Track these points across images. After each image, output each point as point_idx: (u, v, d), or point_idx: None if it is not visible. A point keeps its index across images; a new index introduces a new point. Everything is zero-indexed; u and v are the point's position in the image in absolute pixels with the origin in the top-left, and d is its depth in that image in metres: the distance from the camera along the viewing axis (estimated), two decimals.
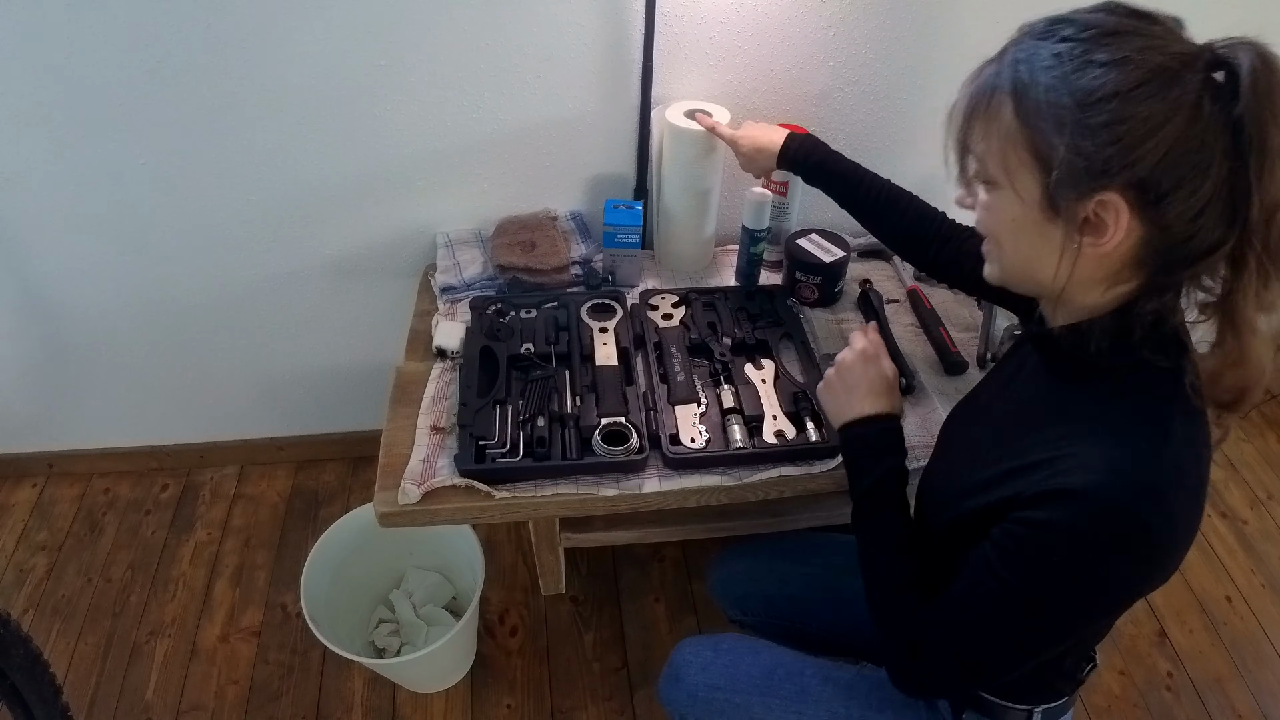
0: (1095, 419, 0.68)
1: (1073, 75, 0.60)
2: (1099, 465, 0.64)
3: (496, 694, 1.49)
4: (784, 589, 1.15)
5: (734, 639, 1.06)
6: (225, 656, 1.53)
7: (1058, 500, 0.65)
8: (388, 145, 1.34)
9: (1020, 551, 0.68)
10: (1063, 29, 0.62)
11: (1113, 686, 1.54)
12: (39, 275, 1.45)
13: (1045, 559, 0.66)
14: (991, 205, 0.69)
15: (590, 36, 1.26)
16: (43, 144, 1.27)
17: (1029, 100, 0.62)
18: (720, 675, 1.01)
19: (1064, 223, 0.63)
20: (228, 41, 1.19)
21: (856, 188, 1.11)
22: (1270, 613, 1.67)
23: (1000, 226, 0.70)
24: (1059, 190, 0.62)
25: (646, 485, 1.06)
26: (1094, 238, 0.63)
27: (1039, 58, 0.62)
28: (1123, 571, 0.65)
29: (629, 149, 1.40)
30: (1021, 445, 0.72)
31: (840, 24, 1.30)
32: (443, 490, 1.04)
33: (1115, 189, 0.60)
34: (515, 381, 1.16)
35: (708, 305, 1.30)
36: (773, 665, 1.01)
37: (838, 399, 0.95)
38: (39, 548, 1.70)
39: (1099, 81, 0.59)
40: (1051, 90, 0.60)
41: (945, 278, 1.13)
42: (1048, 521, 0.65)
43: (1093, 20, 0.62)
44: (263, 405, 1.75)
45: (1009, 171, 0.65)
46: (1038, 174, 0.63)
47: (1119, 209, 0.60)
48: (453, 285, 1.35)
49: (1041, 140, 0.62)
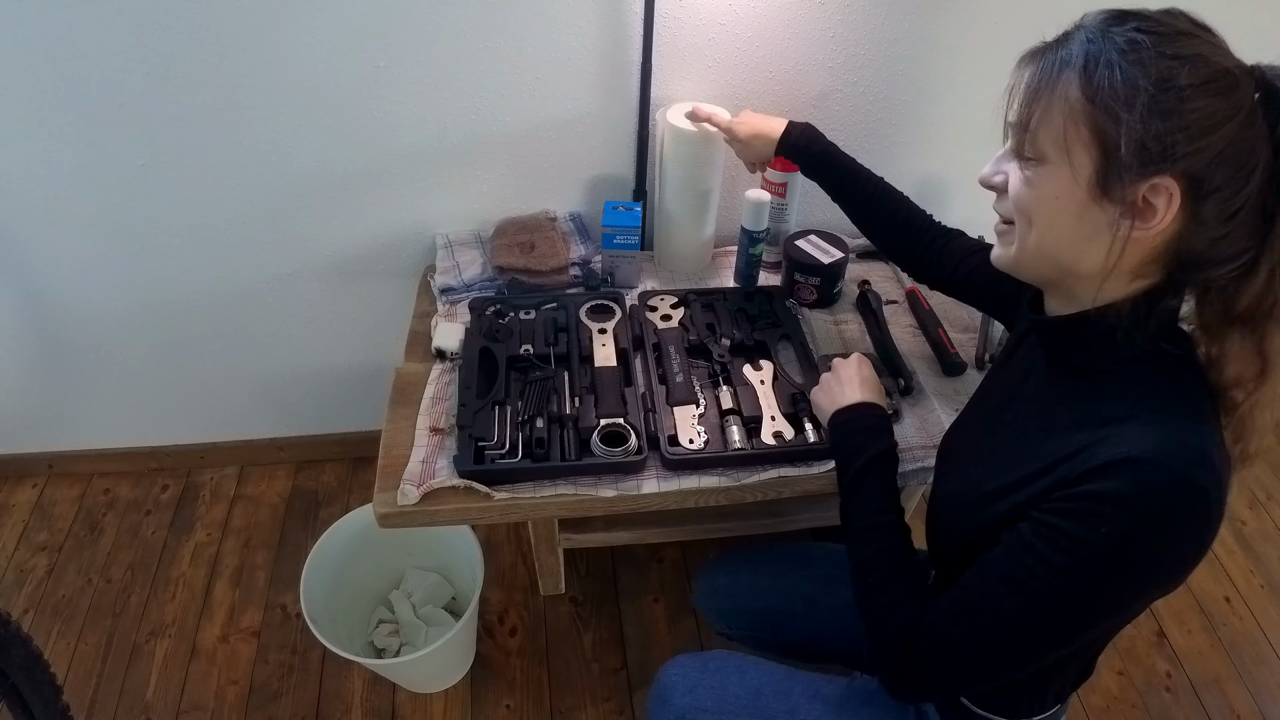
0: (1124, 404, 0.68)
1: (1150, 60, 0.61)
2: (1149, 438, 0.64)
3: (496, 694, 1.49)
4: (765, 602, 1.16)
5: (721, 657, 1.05)
6: (225, 657, 1.53)
7: (1112, 470, 0.63)
8: (387, 146, 1.34)
9: (1064, 527, 0.65)
10: (1133, 21, 0.63)
11: (1111, 687, 1.55)
12: (39, 275, 1.46)
13: (1096, 531, 0.63)
14: (1035, 181, 0.68)
15: (589, 38, 1.26)
16: (42, 144, 1.27)
17: (1100, 78, 0.62)
18: (707, 696, 1.00)
19: (1110, 205, 0.64)
20: (228, 42, 1.19)
21: (854, 181, 1.12)
22: (1269, 613, 1.67)
23: (1039, 204, 0.68)
24: (1120, 169, 0.62)
25: (645, 486, 1.07)
26: (1141, 222, 0.63)
27: (1112, 41, 0.62)
28: (1172, 543, 0.64)
29: (628, 150, 1.40)
30: (1053, 444, 0.71)
31: (839, 25, 1.30)
32: (442, 491, 1.04)
33: (1173, 174, 0.61)
34: (514, 382, 1.16)
35: (706, 306, 1.30)
36: (760, 684, 1.00)
37: (830, 395, 0.99)
38: (39, 548, 1.70)
39: (1174, 70, 0.60)
40: (1126, 70, 0.61)
41: (929, 278, 1.13)
42: (1100, 491, 0.63)
43: (1162, 19, 0.63)
44: (263, 406, 1.76)
45: (1066, 147, 0.65)
46: (1095, 152, 0.63)
47: (1173, 194, 0.61)
48: (452, 286, 1.35)
49: (1107, 118, 0.62)
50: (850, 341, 1.30)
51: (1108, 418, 0.68)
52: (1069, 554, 0.65)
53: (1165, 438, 0.63)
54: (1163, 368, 0.69)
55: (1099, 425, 0.68)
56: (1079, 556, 0.64)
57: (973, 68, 1.38)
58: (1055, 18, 0.68)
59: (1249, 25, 0.70)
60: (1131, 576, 0.65)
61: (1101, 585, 0.65)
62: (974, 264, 1.05)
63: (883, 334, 1.29)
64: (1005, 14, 1.31)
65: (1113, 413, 0.68)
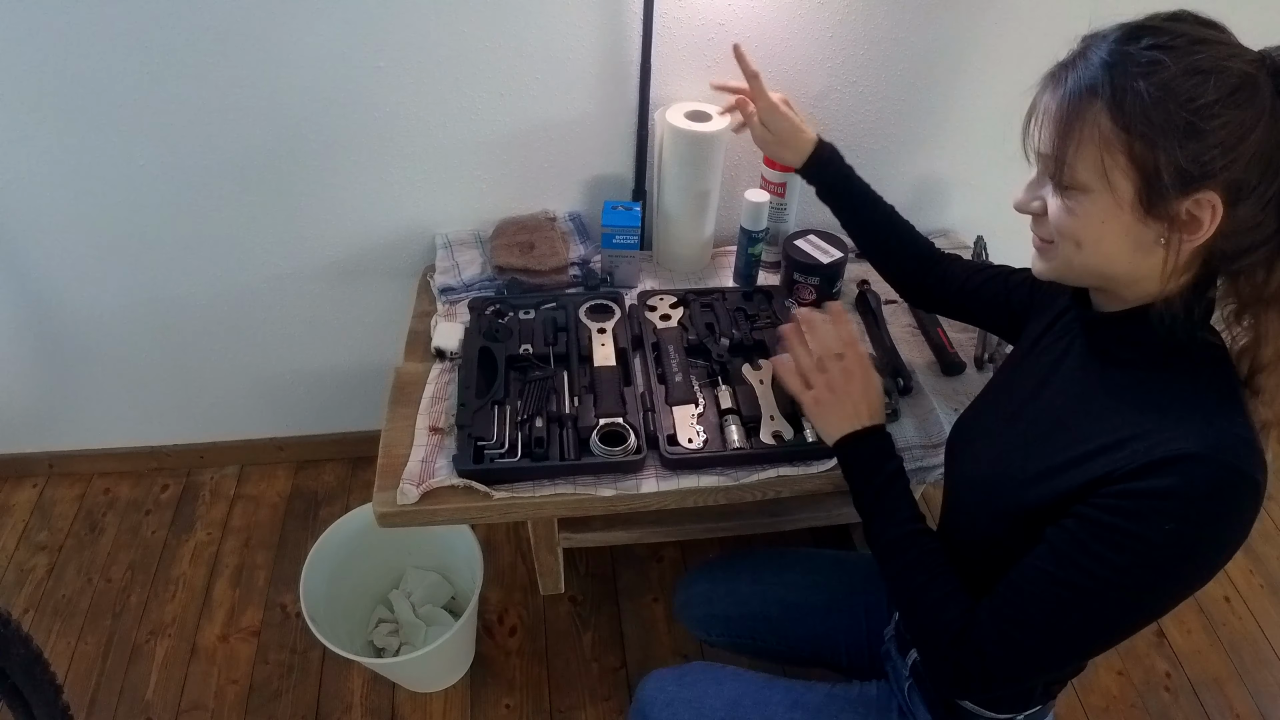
0: (1169, 395, 0.69)
1: (1175, 81, 0.61)
2: (1199, 432, 0.65)
3: (495, 693, 1.49)
4: (743, 609, 1.16)
5: (699, 670, 1.05)
6: (225, 656, 1.53)
7: (1170, 466, 0.64)
8: (387, 146, 1.34)
9: (1122, 525, 0.65)
10: (1146, 36, 0.63)
11: (1111, 687, 1.55)
12: (39, 275, 1.46)
13: (1159, 529, 0.64)
14: (1078, 210, 0.68)
15: (589, 38, 1.26)
16: (43, 145, 1.27)
17: (1131, 107, 0.62)
18: (685, 710, 1.00)
19: (1156, 223, 0.65)
20: (227, 43, 1.19)
21: (877, 205, 1.13)
22: (1268, 613, 1.68)
23: (1086, 229, 0.69)
24: (1161, 192, 0.63)
25: (644, 485, 1.07)
26: (1189, 234, 0.65)
27: (1133, 64, 0.63)
28: (1229, 533, 0.65)
29: (628, 150, 1.40)
30: (1092, 430, 0.72)
31: (838, 25, 1.30)
32: (441, 490, 1.04)
33: (1213, 187, 0.62)
34: (514, 382, 1.16)
35: (706, 306, 1.30)
36: (738, 695, 1.00)
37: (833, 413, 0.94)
38: (39, 548, 1.71)
39: (1200, 88, 0.61)
40: (1156, 95, 0.61)
41: (929, 303, 1.13)
42: (1160, 489, 0.64)
43: (1174, 29, 0.63)
44: (262, 406, 1.76)
45: (1105, 175, 0.65)
46: (1135, 176, 0.64)
47: (1215, 206, 0.62)
48: (451, 286, 1.35)
49: (1144, 145, 0.62)
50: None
51: (1153, 409, 0.69)
52: (1132, 553, 0.65)
53: (1215, 431, 0.65)
54: (1201, 358, 0.70)
55: (1144, 415, 0.69)
56: (1142, 554, 0.65)
57: (973, 67, 1.38)
58: (1055, 17, 0.68)
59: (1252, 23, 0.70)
60: (1192, 570, 0.67)
61: (1164, 581, 0.67)
62: (978, 283, 1.04)
63: (882, 334, 1.29)
64: (1006, 13, 1.31)
65: (1158, 404, 0.69)
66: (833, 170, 1.13)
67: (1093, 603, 0.68)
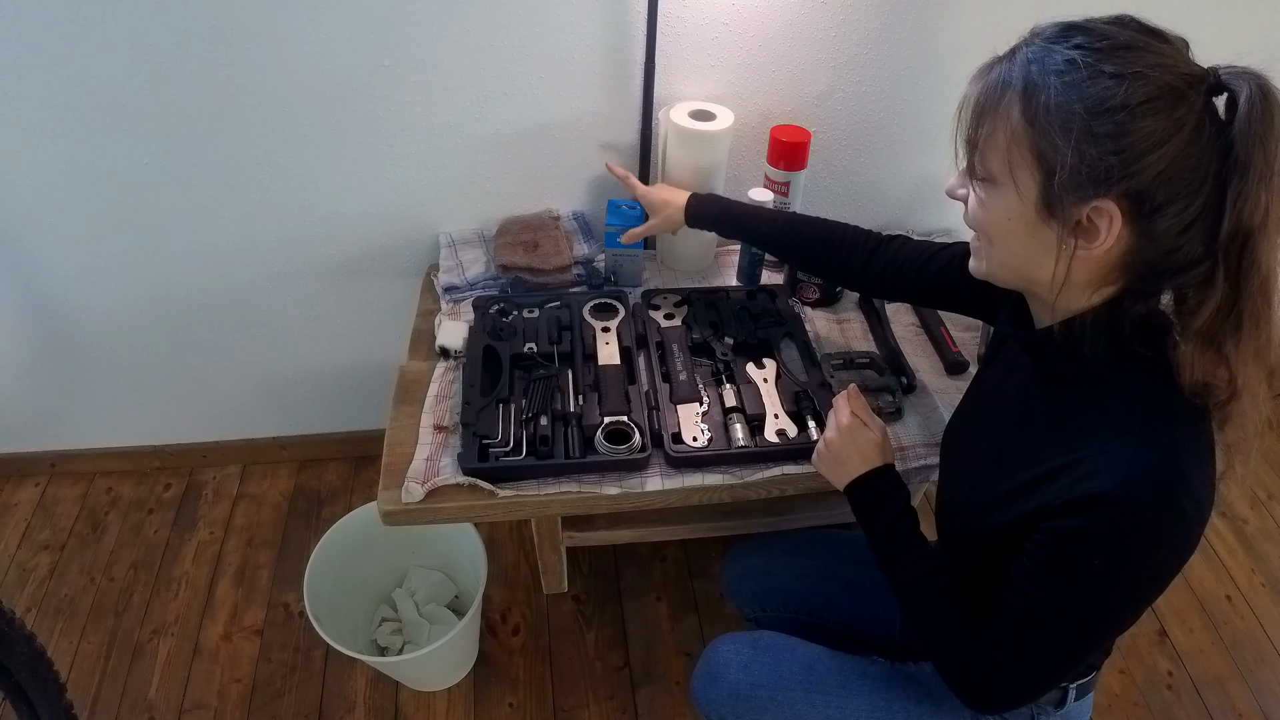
0: (1101, 417, 0.69)
1: (1085, 83, 0.61)
2: (1120, 464, 0.66)
3: (499, 692, 1.49)
4: (802, 583, 1.15)
5: (770, 636, 1.06)
6: (228, 655, 1.53)
7: (1087, 506, 0.66)
8: (391, 145, 1.34)
9: (1058, 563, 0.69)
10: (1076, 36, 0.63)
11: (1113, 686, 1.55)
12: (42, 274, 1.46)
13: (1085, 565, 0.68)
14: (988, 202, 0.70)
15: (593, 38, 1.26)
16: (47, 144, 1.27)
17: (1038, 102, 0.63)
18: (762, 673, 1.00)
19: (1057, 224, 0.65)
20: (231, 43, 1.19)
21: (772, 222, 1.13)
22: (1270, 612, 1.68)
23: (994, 224, 0.71)
24: (1058, 192, 0.63)
25: (649, 484, 1.07)
26: (1085, 241, 0.64)
27: (1051, 61, 0.63)
28: (1162, 558, 0.68)
29: (631, 149, 1.40)
30: (1033, 455, 0.74)
31: (842, 25, 1.31)
32: (446, 489, 1.05)
33: (1112, 197, 0.61)
34: (518, 381, 1.16)
35: (710, 305, 1.31)
36: (812, 660, 1.01)
37: (834, 470, 0.98)
38: (41, 547, 1.70)
39: (1110, 92, 0.60)
40: (1062, 94, 0.61)
41: (886, 290, 1.09)
42: (1080, 528, 0.67)
43: (1107, 31, 0.63)
44: (265, 405, 1.76)
45: (1011, 169, 0.66)
46: (1038, 174, 0.64)
47: (1113, 216, 0.62)
48: (456, 285, 1.35)
49: (1046, 142, 0.63)
50: (853, 340, 1.31)
51: (1084, 434, 0.70)
52: (1070, 584, 0.70)
53: (1137, 462, 0.65)
54: (1138, 374, 0.70)
55: (1075, 441, 0.70)
56: (1080, 584, 0.69)
57: (975, 66, 1.38)
58: (1060, 17, 0.68)
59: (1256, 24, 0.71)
60: (1135, 591, 0.71)
61: (1111, 602, 0.70)
62: (937, 267, 1.01)
63: (885, 332, 1.29)
64: (1008, 12, 1.31)
65: (1088, 428, 0.70)
66: (711, 208, 1.18)
67: (1056, 625, 0.73)
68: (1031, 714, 0.92)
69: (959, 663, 0.81)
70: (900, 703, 0.97)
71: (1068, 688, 0.90)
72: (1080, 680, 0.91)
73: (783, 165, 1.34)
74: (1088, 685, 0.92)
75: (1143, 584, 0.70)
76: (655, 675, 1.52)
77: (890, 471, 0.95)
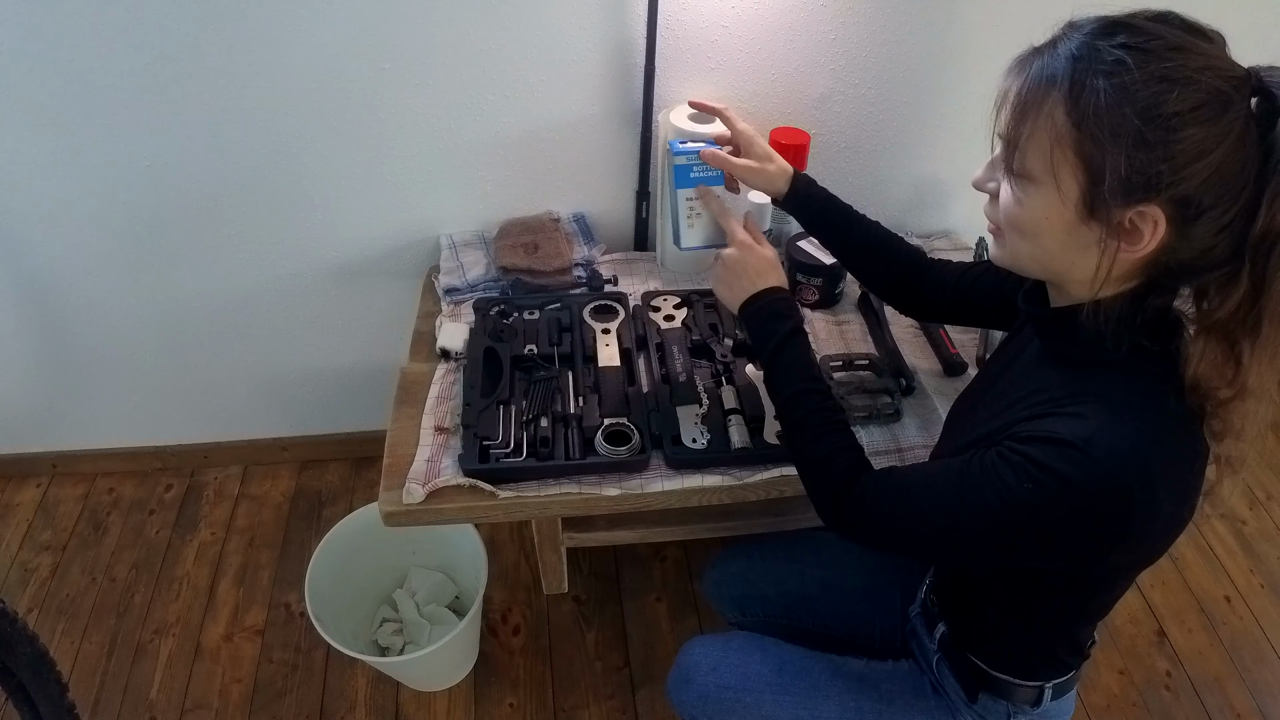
0: (1097, 396, 0.70)
1: (1136, 86, 0.59)
2: (1093, 428, 0.66)
3: (499, 693, 1.49)
4: (781, 587, 1.16)
5: (742, 637, 1.07)
6: (229, 655, 1.54)
7: (1050, 445, 0.67)
8: (391, 147, 1.34)
9: (1001, 471, 0.69)
10: (1121, 33, 0.61)
11: (1112, 686, 1.55)
12: (43, 274, 1.46)
13: (1020, 485, 0.68)
14: (1024, 200, 0.68)
15: (593, 40, 1.27)
16: (48, 145, 1.28)
17: (1086, 104, 0.61)
18: (731, 675, 1.01)
19: (1098, 226, 0.64)
20: (232, 44, 1.20)
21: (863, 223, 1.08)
22: (1269, 613, 1.68)
23: (1029, 221, 0.69)
24: (1105, 196, 0.62)
25: (648, 485, 1.07)
26: (1128, 243, 0.64)
27: (1099, 60, 0.61)
28: (1079, 522, 0.67)
29: (632, 152, 1.40)
30: (1022, 406, 0.75)
31: (841, 28, 1.31)
32: (447, 490, 1.05)
33: (1158, 202, 0.61)
34: (518, 382, 1.17)
35: (709, 306, 1.31)
36: (782, 662, 1.02)
37: (730, 288, 0.96)
38: (43, 547, 1.71)
39: (1161, 97, 0.59)
40: (1113, 97, 0.60)
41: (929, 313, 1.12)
42: (1035, 458, 0.67)
43: (1154, 30, 0.61)
44: (266, 406, 1.76)
45: (1054, 169, 0.65)
46: (1082, 177, 0.63)
47: (1157, 220, 0.62)
48: (456, 286, 1.36)
49: (1094, 146, 0.62)
50: (852, 341, 1.31)
51: (1074, 399, 0.70)
52: (995, 492, 0.70)
53: (1104, 430, 0.66)
54: (1140, 367, 0.70)
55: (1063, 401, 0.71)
56: (1002, 498, 0.69)
57: (975, 70, 1.39)
58: (1060, 19, 0.68)
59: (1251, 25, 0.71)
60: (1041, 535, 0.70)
61: (1015, 528, 0.70)
62: (973, 278, 1.02)
63: (884, 334, 1.30)
64: (1008, 15, 1.32)
65: (1076, 395, 0.70)
66: (817, 196, 1.06)
67: (953, 507, 0.73)
68: (1008, 712, 0.92)
69: (836, 482, 0.83)
70: (871, 703, 0.97)
71: (1043, 687, 0.90)
72: (1057, 679, 0.91)
73: None
74: (1065, 685, 0.92)
75: (1043, 532, 0.69)
76: (655, 675, 1.52)
77: (782, 293, 0.94)
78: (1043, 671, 0.90)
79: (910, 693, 0.98)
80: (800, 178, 1.06)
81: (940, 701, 0.97)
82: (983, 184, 0.75)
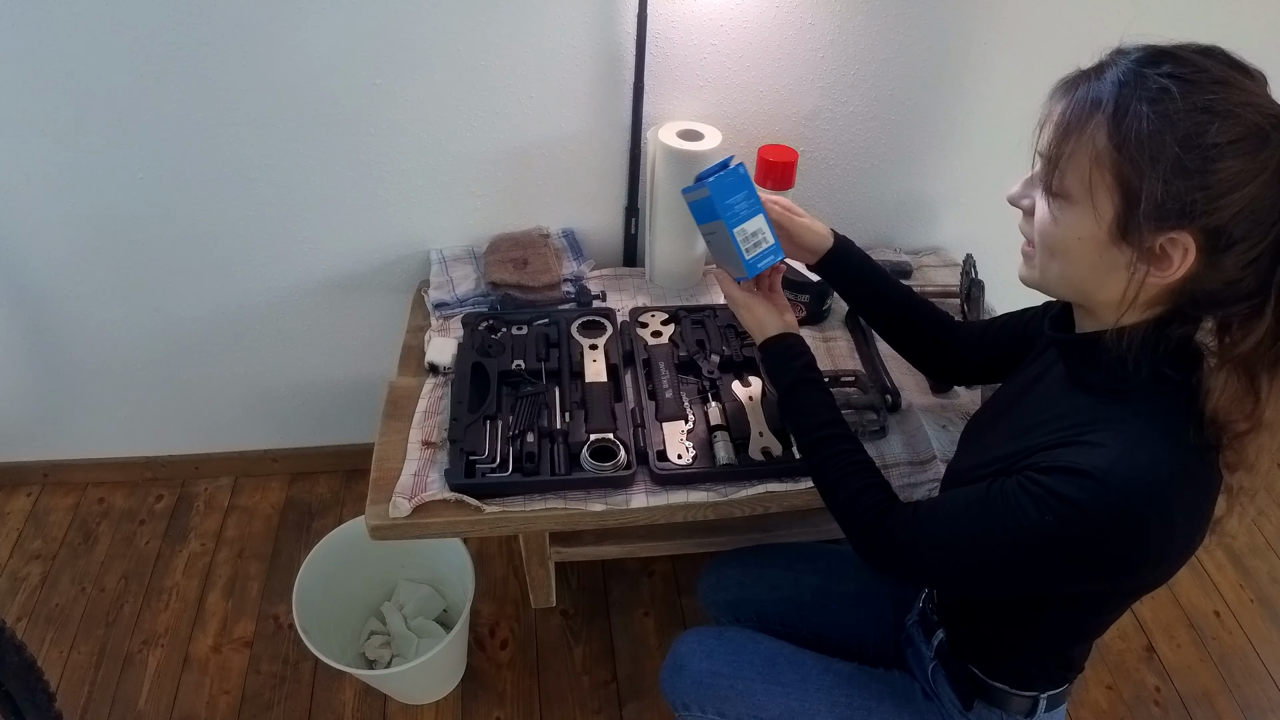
0: (1116, 422, 0.71)
1: (1179, 115, 0.61)
2: (1112, 458, 0.67)
3: (486, 706, 1.49)
4: (775, 593, 1.17)
5: (737, 630, 1.08)
6: (217, 667, 1.54)
7: (1067, 475, 0.68)
8: (382, 162, 1.35)
9: (1012, 497, 0.71)
10: (1167, 63, 0.63)
11: (1100, 701, 1.55)
12: (35, 284, 1.47)
13: (1042, 518, 0.69)
14: (1060, 219, 0.70)
15: (582, 58, 1.28)
16: (41, 156, 1.29)
17: (1128, 128, 0.62)
18: (723, 662, 1.03)
19: (1129, 249, 0.66)
20: (225, 59, 1.21)
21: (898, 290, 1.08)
22: (1258, 628, 1.68)
23: (1061, 240, 0.71)
24: (1139, 220, 0.64)
25: (634, 500, 1.08)
26: (1157, 269, 0.65)
27: (1144, 87, 0.62)
28: (1098, 554, 0.69)
29: (621, 168, 1.41)
30: (1043, 431, 0.76)
31: (829, 46, 1.32)
32: (433, 504, 1.05)
33: (1190, 230, 0.62)
34: (506, 397, 1.17)
35: (696, 323, 1.32)
36: (774, 654, 1.04)
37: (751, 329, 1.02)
38: (33, 556, 1.71)
39: (1202, 128, 0.60)
40: (1155, 124, 0.61)
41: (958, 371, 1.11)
42: (1055, 489, 0.68)
43: (1199, 63, 0.62)
44: (257, 418, 1.77)
45: (1091, 190, 0.66)
46: (1118, 200, 0.65)
47: (1188, 248, 0.63)
48: (445, 301, 1.36)
49: (1133, 170, 0.63)
50: (839, 358, 1.32)
51: (1092, 425, 0.71)
52: (1017, 524, 0.71)
53: (1122, 461, 0.67)
54: (1160, 395, 0.71)
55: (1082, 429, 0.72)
56: (1024, 529, 0.71)
57: (963, 87, 1.40)
58: (1046, 39, 0.69)
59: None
60: (1063, 563, 0.72)
61: (1037, 558, 0.72)
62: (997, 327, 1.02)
63: (870, 351, 1.30)
64: (995, 34, 1.33)
65: (1096, 423, 0.71)
66: (858, 254, 1.06)
67: (979, 539, 0.75)
68: None
69: (861, 522, 0.85)
70: (861, 699, 0.98)
71: (1038, 697, 0.91)
72: (1052, 691, 0.92)
73: (770, 184, 1.35)
74: (1059, 697, 0.93)
75: (1064, 561, 0.71)
76: (642, 690, 1.52)
77: (792, 338, 0.98)
78: (1039, 682, 0.91)
79: (900, 695, 0.99)
80: (841, 236, 1.07)
81: (932, 706, 0.98)
82: (1017, 200, 0.76)
